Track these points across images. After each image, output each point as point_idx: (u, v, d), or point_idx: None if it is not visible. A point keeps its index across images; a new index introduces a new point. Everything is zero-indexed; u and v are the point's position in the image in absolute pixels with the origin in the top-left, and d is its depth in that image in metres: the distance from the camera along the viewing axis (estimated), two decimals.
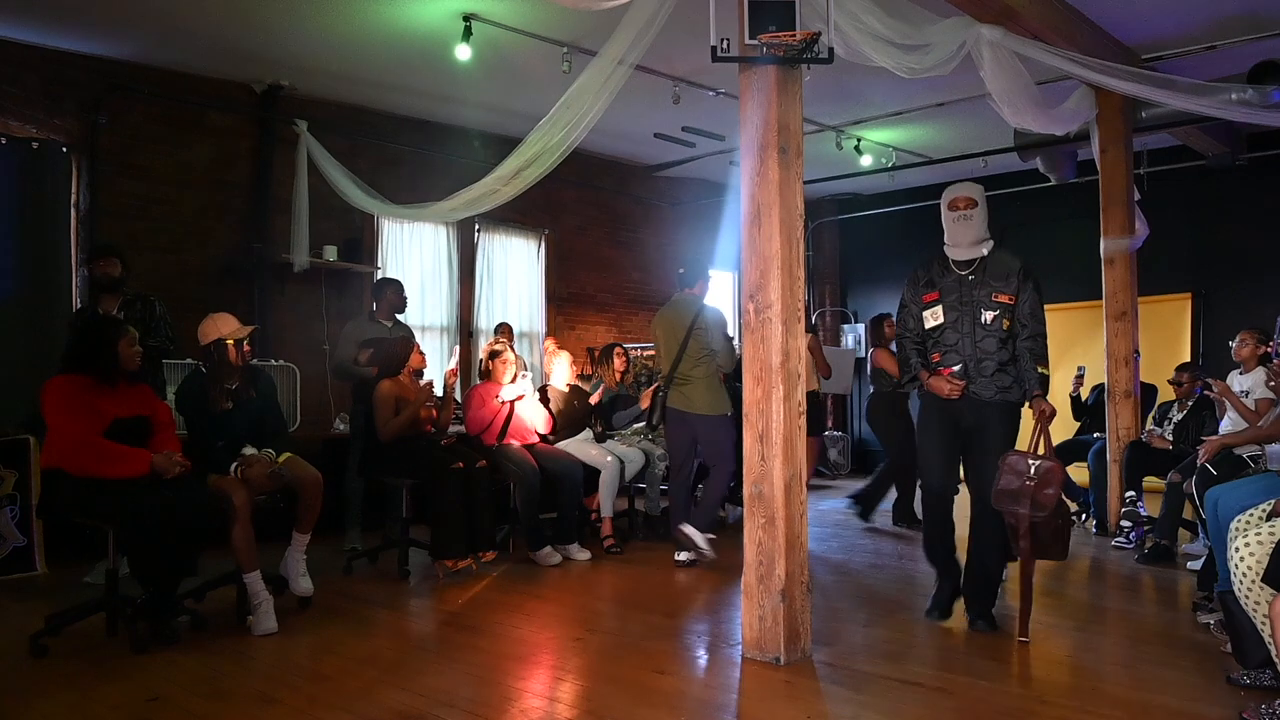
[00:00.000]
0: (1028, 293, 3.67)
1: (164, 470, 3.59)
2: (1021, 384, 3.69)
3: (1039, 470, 3.45)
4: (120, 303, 4.66)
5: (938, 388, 3.69)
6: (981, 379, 3.67)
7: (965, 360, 3.67)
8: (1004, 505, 3.51)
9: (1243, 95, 5.34)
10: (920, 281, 3.84)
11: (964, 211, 3.74)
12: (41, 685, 3.12)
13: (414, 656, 3.43)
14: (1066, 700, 2.92)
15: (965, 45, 4.58)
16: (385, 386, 4.81)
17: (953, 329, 3.71)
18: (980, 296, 3.67)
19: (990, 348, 3.66)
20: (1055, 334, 8.04)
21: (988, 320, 3.65)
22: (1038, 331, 3.68)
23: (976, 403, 3.68)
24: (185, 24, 5.42)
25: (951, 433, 3.75)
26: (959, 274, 3.74)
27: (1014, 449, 3.62)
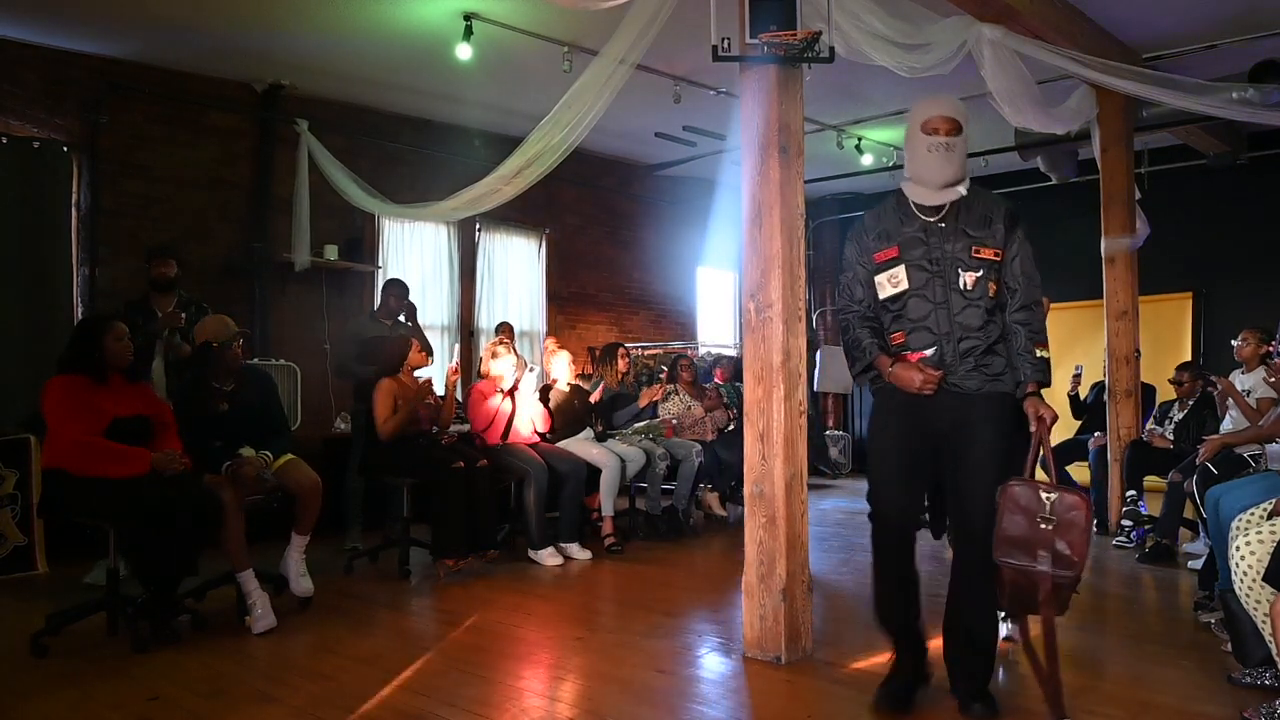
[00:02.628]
0: (1017, 244, 2.74)
1: (164, 469, 3.60)
2: (1014, 371, 2.75)
3: (1059, 507, 2.52)
4: (175, 302, 4.87)
5: (905, 379, 2.71)
6: (963, 365, 2.72)
7: (940, 340, 2.72)
8: (1011, 558, 2.58)
9: (1243, 94, 5.34)
10: (870, 234, 2.84)
11: (944, 138, 2.73)
12: (42, 684, 3.12)
13: (415, 656, 3.43)
14: (1067, 699, 2.91)
15: (966, 44, 4.58)
16: (384, 385, 4.82)
17: (921, 297, 2.74)
18: (956, 252, 2.71)
19: (974, 321, 2.72)
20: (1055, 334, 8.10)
21: (968, 284, 2.70)
22: (1033, 298, 2.74)
23: (957, 398, 2.72)
24: (186, 23, 5.42)
25: (918, 441, 2.79)
26: (925, 221, 2.76)
27: (1017, 475, 2.67)
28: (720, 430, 6.52)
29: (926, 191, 2.78)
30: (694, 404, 6.52)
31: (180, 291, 4.94)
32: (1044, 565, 2.55)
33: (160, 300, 4.86)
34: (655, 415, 6.35)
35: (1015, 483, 2.61)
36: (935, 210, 2.77)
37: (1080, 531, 2.52)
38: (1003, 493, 2.60)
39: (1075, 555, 2.53)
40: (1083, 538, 2.53)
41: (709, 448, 6.21)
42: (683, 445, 6.07)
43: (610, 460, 5.52)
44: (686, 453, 5.99)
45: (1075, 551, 2.53)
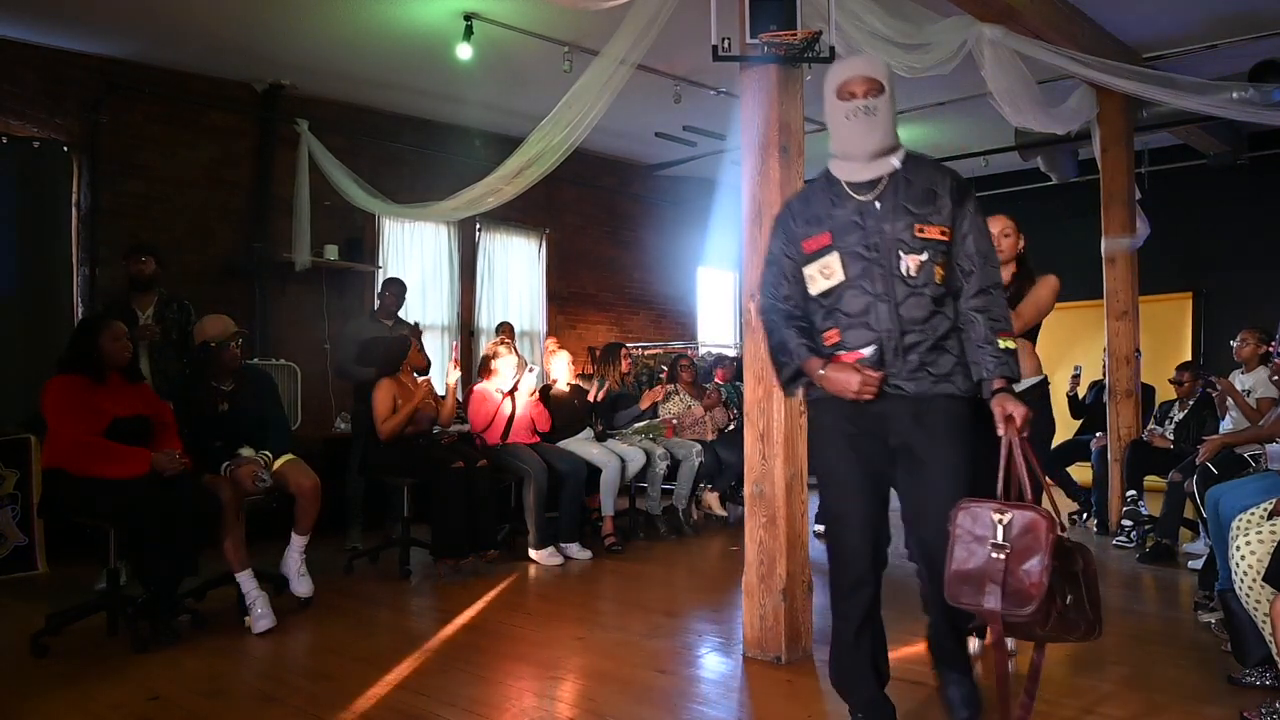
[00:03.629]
0: (968, 218, 2.35)
1: (164, 469, 3.60)
2: (967, 367, 2.36)
3: (1014, 529, 2.11)
4: (154, 302, 4.75)
5: (839, 382, 2.31)
6: (906, 365, 2.33)
7: (880, 337, 2.33)
8: (963, 599, 2.17)
9: (1244, 94, 5.35)
10: (797, 220, 2.46)
11: (862, 101, 2.34)
12: (42, 684, 3.12)
13: (415, 655, 3.43)
14: (1067, 700, 2.92)
15: (966, 44, 4.59)
16: (384, 385, 4.82)
17: (858, 289, 2.35)
18: (896, 233, 2.33)
19: (919, 313, 2.33)
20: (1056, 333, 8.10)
21: (911, 270, 2.31)
22: (991, 280, 2.35)
23: (901, 403, 2.34)
24: (186, 23, 5.42)
25: (871, 457, 2.40)
26: (859, 201, 2.37)
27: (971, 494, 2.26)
28: (720, 430, 6.52)
29: (855, 166, 2.39)
30: (694, 404, 6.52)
31: (160, 290, 4.82)
32: (992, 602, 2.10)
33: (140, 299, 4.74)
34: (655, 415, 6.35)
35: (966, 504, 2.18)
36: (869, 187, 2.37)
37: (1040, 558, 2.07)
38: (953, 518, 2.17)
39: (1031, 589, 2.06)
40: (1042, 566, 2.06)
41: (709, 448, 6.21)
42: (683, 445, 6.07)
43: (610, 460, 5.52)
44: (686, 453, 6.00)
45: (1032, 584, 2.06)
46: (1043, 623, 2.11)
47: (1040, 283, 3.42)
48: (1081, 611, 2.17)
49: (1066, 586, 2.14)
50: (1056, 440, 6.55)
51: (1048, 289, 3.39)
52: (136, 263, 4.74)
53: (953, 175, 2.41)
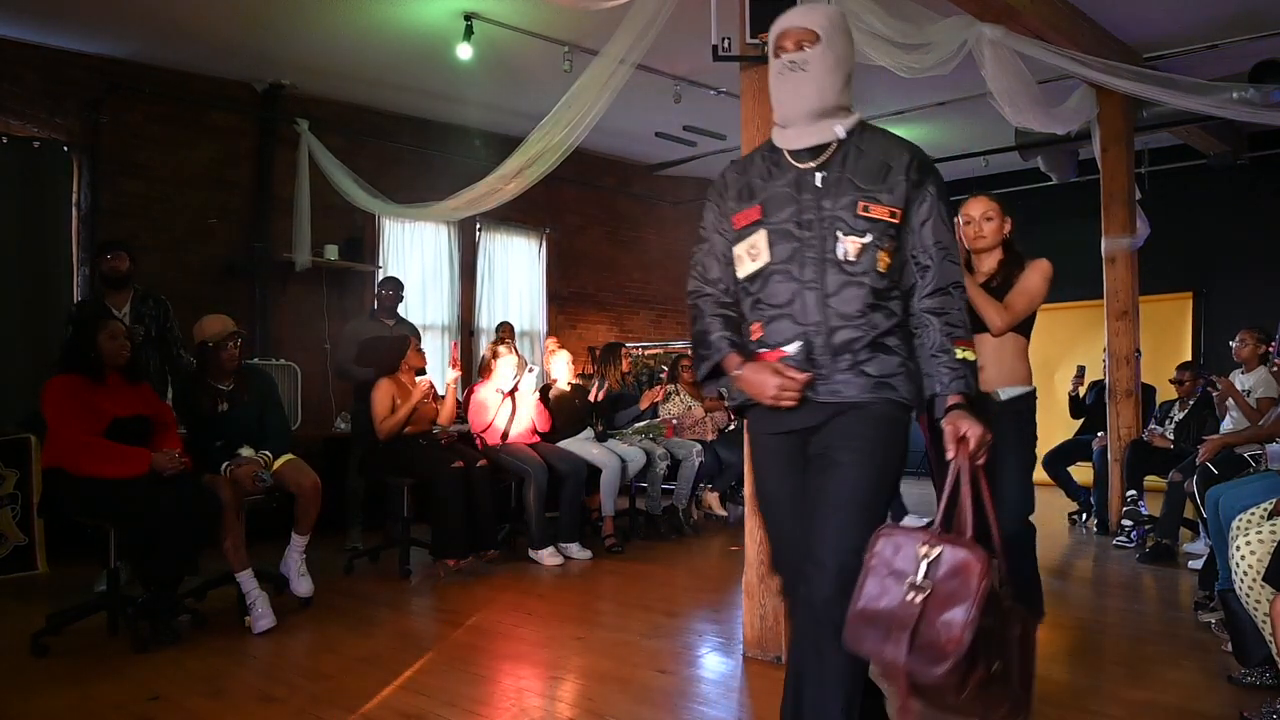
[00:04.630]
0: (928, 200, 2.00)
1: (164, 469, 3.60)
2: (917, 376, 2.00)
3: (941, 567, 1.74)
4: (130, 299, 4.60)
5: (754, 385, 1.99)
6: (838, 365, 1.97)
7: (808, 332, 1.98)
8: (864, 644, 1.78)
9: (1244, 94, 5.35)
10: (730, 191, 2.13)
11: (793, 54, 2.01)
12: (43, 684, 3.12)
13: (415, 656, 3.43)
14: (1067, 699, 2.92)
15: (966, 44, 4.59)
16: (383, 385, 4.83)
17: (784, 274, 2.00)
18: (836, 210, 1.97)
19: (854, 305, 1.96)
20: (1056, 334, 8.13)
21: (849, 254, 1.96)
22: (951, 278, 2.00)
23: (829, 410, 1.99)
24: (186, 23, 5.42)
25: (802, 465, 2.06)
26: (798, 171, 2.03)
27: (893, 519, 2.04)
28: (720, 430, 6.52)
29: (793, 133, 2.04)
30: (694, 404, 6.52)
31: (135, 286, 4.66)
32: (894, 652, 1.71)
33: (115, 297, 4.57)
34: (655, 415, 6.35)
35: (889, 530, 1.83)
36: (812, 156, 2.02)
37: (965, 609, 1.67)
38: (872, 544, 1.81)
39: (948, 645, 1.66)
40: (966, 619, 1.66)
41: (709, 448, 6.21)
42: (683, 445, 6.07)
43: (610, 460, 5.52)
44: (687, 453, 6.00)
45: (950, 639, 1.67)
46: (957, 689, 1.69)
47: (1030, 268, 3.02)
48: (1008, 687, 1.76)
49: (994, 652, 1.72)
50: (1057, 440, 6.57)
51: (1039, 275, 3.00)
52: (110, 260, 4.55)
53: (914, 150, 2.04)
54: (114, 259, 4.54)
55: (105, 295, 4.61)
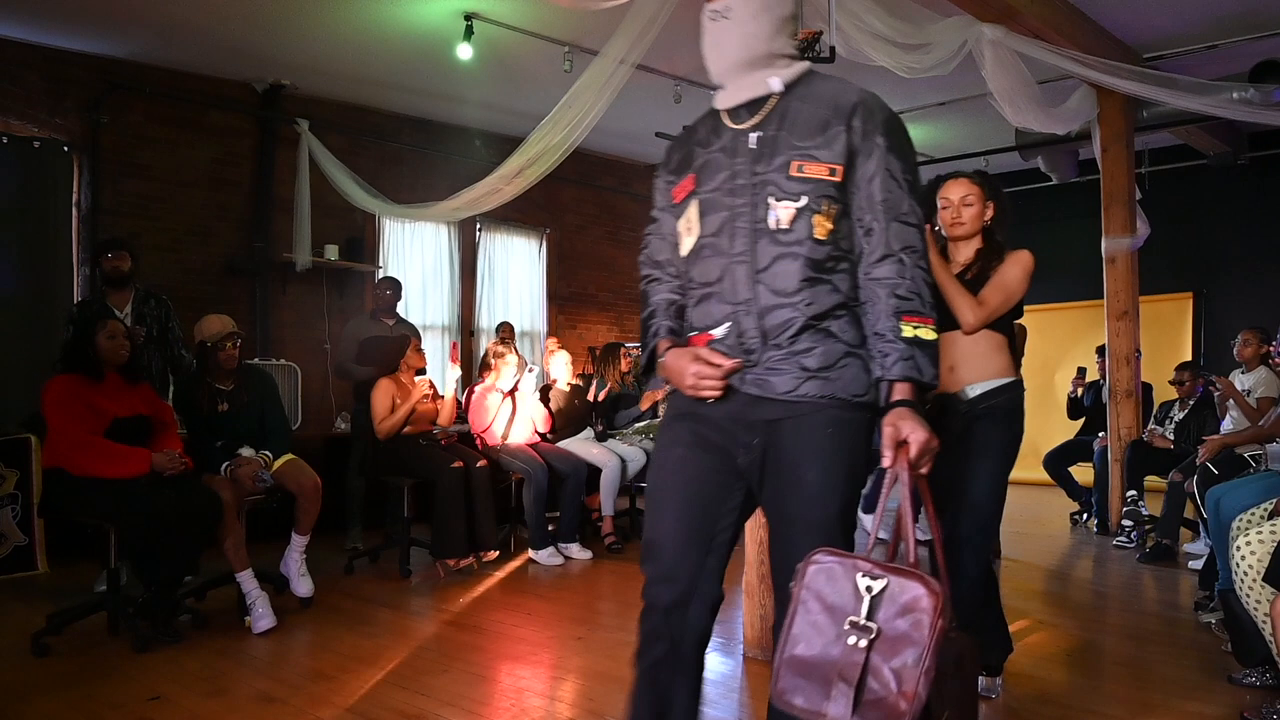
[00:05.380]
0: (876, 153, 1.71)
1: (165, 469, 3.60)
2: (868, 360, 1.72)
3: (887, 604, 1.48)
4: (131, 299, 4.58)
5: (674, 373, 1.80)
6: (768, 352, 1.72)
7: (737, 312, 1.74)
8: (795, 700, 1.51)
9: (1244, 94, 5.35)
10: (671, 162, 1.93)
11: (717, 3, 1.81)
12: (43, 684, 3.12)
13: (415, 656, 3.43)
14: (1067, 699, 2.92)
15: (966, 44, 4.59)
16: (383, 384, 4.83)
17: (714, 248, 1.78)
18: (769, 173, 1.73)
19: (789, 281, 1.70)
20: (1057, 333, 8.14)
21: (782, 221, 1.71)
22: (904, 242, 1.70)
23: (758, 406, 1.73)
24: (187, 23, 5.42)
25: (716, 477, 1.78)
26: (733, 132, 1.80)
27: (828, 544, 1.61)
28: None
29: (725, 93, 1.83)
30: None
31: (137, 286, 4.64)
32: (840, 712, 1.44)
33: (116, 297, 4.55)
34: (656, 415, 6.35)
35: (820, 555, 1.56)
36: (748, 114, 1.78)
37: (918, 654, 1.42)
38: (801, 570, 1.56)
39: (900, 702, 1.41)
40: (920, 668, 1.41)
41: None
42: None
43: (610, 460, 5.52)
44: None
45: (903, 693, 1.41)
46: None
47: (1010, 260, 2.77)
48: None
49: (947, 703, 1.46)
50: (1058, 441, 6.57)
51: (1018, 268, 2.75)
52: (112, 259, 4.52)
53: (862, 96, 1.74)
54: (115, 258, 4.52)
55: (106, 295, 4.58)
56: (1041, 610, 4.09)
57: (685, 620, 1.78)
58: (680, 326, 1.89)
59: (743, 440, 1.75)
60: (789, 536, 1.72)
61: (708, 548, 1.79)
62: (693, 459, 1.79)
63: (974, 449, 2.68)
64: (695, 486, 1.79)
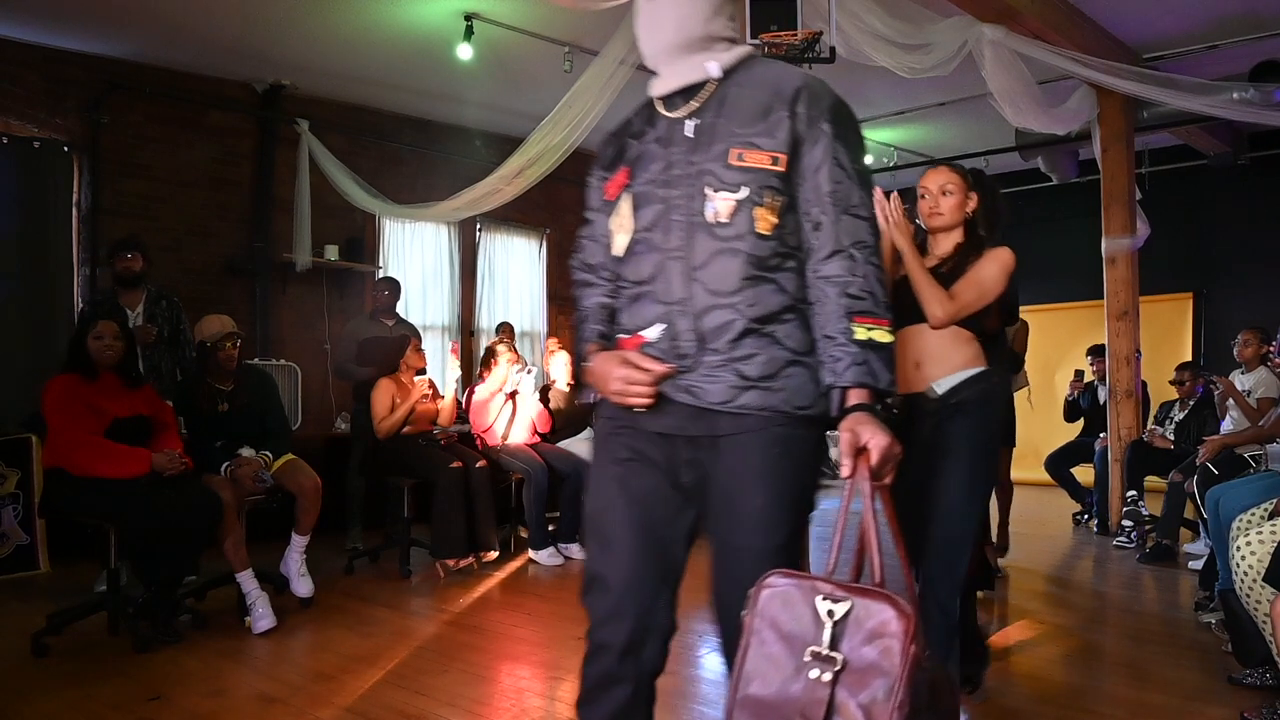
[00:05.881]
0: (822, 141, 1.58)
1: (165, 469, 3.60)
2: (816, 369, 1.58)
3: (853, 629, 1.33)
4: (143, 299, 4.62)
5: (599, 377, 1.64)
6: (705, 357, 1.58)
7: (671, 313, 1.60)
8: None
9: (1244, 94, 5.35)
10: (606, 154, 1.83)
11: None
12: (43, 684, 3.12)
13: (415, 656, 3.43)
14: (1067, 699, 2.92)
15: (966, 45, 4.60)
16: (383, 384, 4.84)
17: (648, 243, 1.65)
18: (706, 162, 1.61)
19: (725, 280, 1.57)
20: (1057, 333, 8.13)
21: (721, 215, 1.58)
22: (854, 237, 1.56)
23: (694, 417, 1.59)
24: (187, 23, 5.42)
25: (658, 508, 1.64)
26: (668, 121, 1.69)
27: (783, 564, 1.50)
28: None
29: (660, 80, 1.71)
30: None
31: (149, 287, 4.68)
32: None
33: (128, 297, 4.58)
34: None
35: (775, 578, 1.41)
36: (684, 101, 1.66)
37: (889, 687, 1.26)
38: (753, 599, 1.41)
39: None
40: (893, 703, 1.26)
41: None
42: None
43: None
44: None
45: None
46: None
47: (988, 256, 2.62)
48: None
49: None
50: (1059, 442, 6.57)
51: (996, 266, 2.60)
52: (124, 259, 4.56)
53: (806, 80, 1.61)
54: (129, 259, 4.56)
55: (118, 295, 4.61)
56: (1042, 610, 4.10)
57: (640, 661, 1.64)
58: (612, 331, 1.75)
59: (683, 457, 1.62)
60: (733, 567, 1.58)
61: (662, 578, 1.64)
62: (635, 479, 1.63)
63: (945, 451, 2.50)
64: (641, 510, 1.63)
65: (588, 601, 1.71)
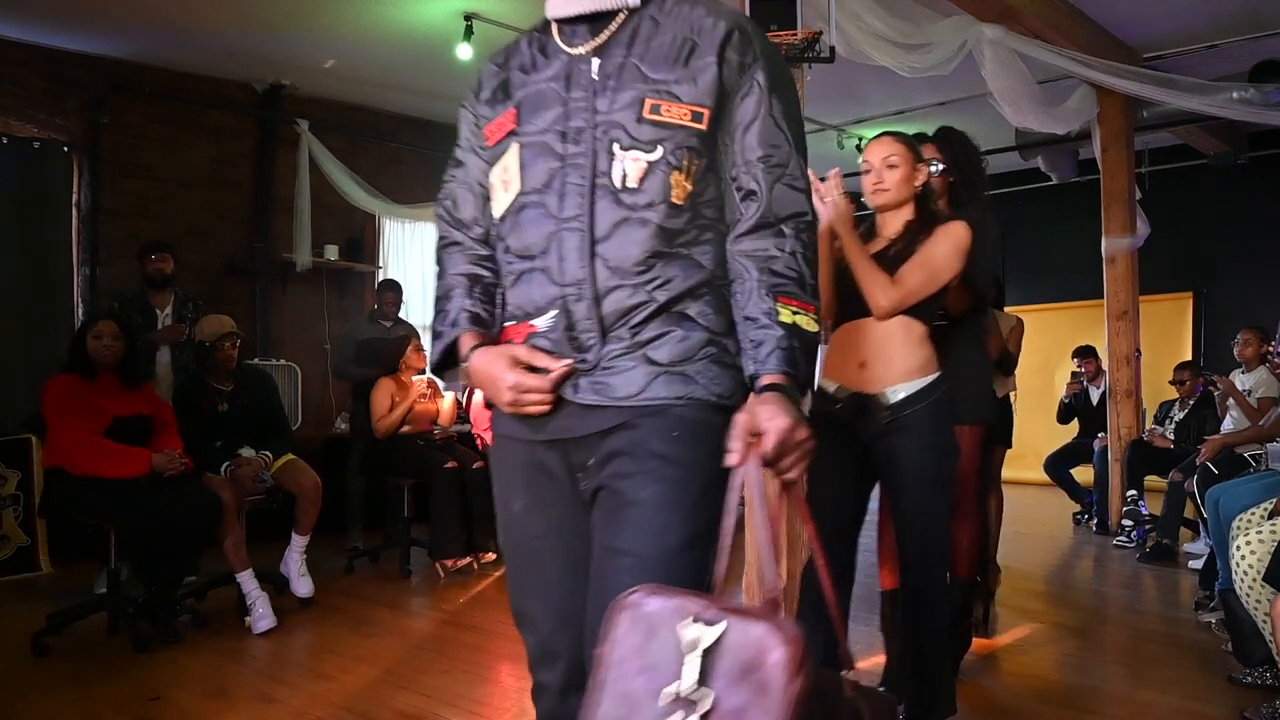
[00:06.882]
0: (755, 93, 1.35)
1: (165, 469, 3.61)
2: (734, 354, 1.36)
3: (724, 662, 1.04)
4: (172, 300, 4.74)
5: (483, 379, 1.38)
6: (611, 346, 1.33)
7: (566, 295, 1.33)
8: None
9: (1244, 94, 5.35)
10: (484, 90, 1.50)
11: None
12: (43, 684, 3.13)
13: (415, 656, 3.43)
14: (1067, 699, 2.92)
15: (966, 44, 4.59)
16: (383, 384, 4.85)
17: (540, 208, 1.36)
18: (614, 112, 1.33)
19: (631, 254, 1.31)
20: (1057, 333, 8.13)
21: (629, 178, 1.32)
22: (789, 208, 1.35)
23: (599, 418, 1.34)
24: (186, 23, 5.42)
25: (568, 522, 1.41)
26: (569, 56, 1.39)
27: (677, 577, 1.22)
28: None
29: (558, 1, 1.40)
30: None
31: (177, 290, 4.83)
32: None
33: (157, 297, 4.73)
34: None
35: (640, 594, 1.13)
36: (591, 34, 1.37)
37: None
38: (609, 624, 1.14)
39: None
40: None
41: None
42: None
43: None
44: None
45: None
46: None
47: (938, 233, 2.31)
48: None
49: None
50: (1058, 443, 6.57)
51: (948, 243, 2.29)
52: (155, 260, 4.71)
53: (734, 19, 1.37)
54: (158, 260, 4.71)
55: (148, 295, 4.74)
56: (1041, 610, 4.09)
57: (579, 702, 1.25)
58: (489, 313, 1.46)
59: (577, 461, 1.36)
60: (610, 580, 1.26)
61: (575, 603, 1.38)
62: (539, 499, 1.40)
63: (895, 471, 2.27)
64: (553, 538, 1.40)
65: (521, 633, 1.51)
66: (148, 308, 4.67)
